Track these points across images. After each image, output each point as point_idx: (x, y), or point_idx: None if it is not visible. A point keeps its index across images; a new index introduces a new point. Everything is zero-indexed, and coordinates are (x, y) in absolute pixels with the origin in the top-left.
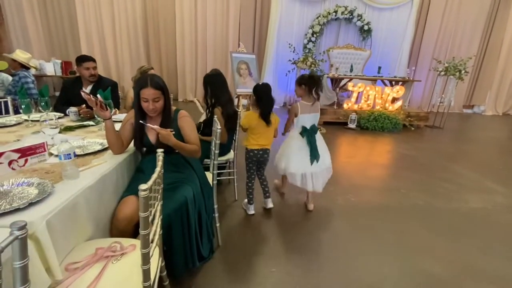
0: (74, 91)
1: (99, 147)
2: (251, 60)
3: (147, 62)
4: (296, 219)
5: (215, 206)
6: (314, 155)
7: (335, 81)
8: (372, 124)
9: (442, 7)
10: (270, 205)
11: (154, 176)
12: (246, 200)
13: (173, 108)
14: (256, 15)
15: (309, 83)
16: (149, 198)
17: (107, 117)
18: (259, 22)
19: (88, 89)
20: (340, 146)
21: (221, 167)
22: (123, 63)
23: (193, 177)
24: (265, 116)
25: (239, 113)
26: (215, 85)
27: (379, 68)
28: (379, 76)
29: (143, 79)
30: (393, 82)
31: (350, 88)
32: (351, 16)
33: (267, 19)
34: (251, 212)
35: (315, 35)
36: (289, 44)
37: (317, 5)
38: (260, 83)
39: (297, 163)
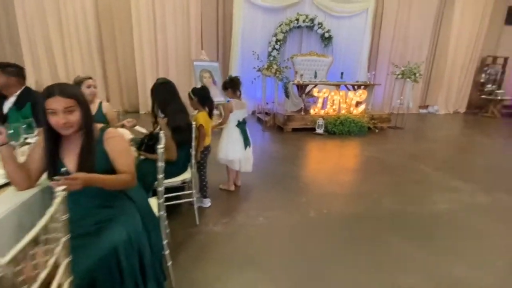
0: None
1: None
2: (214, 68)
3: (103, 75)
4: (271, 241)
5: (165, 242)
6: (247, 142)
7: (301, 88)
8: (339, 129)
9: (394, 16)
10: (207, 204)
11: (33, 231)
12: (199, 195)
13: (98, 126)
14: (218, 23)
15: (232, 86)
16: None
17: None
18: (223, 30)
19: (10, 101)
20: (309, 152)
21: (178, 188)
22: (75, 74)
23: (130, 210)
24: (211, 114)
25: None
26: (160, 94)
27: (342, 73)
28: (342, 81)
29: (48, 88)
30: (356, 87)
31: (315, 94)
32: (312, 24)
33: (230, 27)
34: (209, 204)
35: (279, 43)
36: (253, 51)
37: (279, 13)
38: (198, 86)
39: (234, 151)
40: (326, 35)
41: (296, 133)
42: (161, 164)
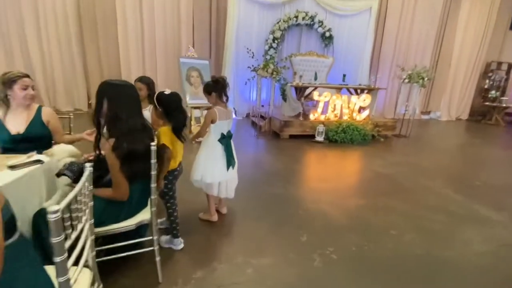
0: None
1: None
2: (204, 67)
3: (84, 71)
4: None
5: None
6: (230, 162)
7: (300, 90)
8: (341, 137)
9: (397, 17)
10: (179, 246)
11: None
12: (168, 237)
13: None
14: (211, 18)
15: (218, 89)
16: None
17: None
18: (216, 25)
19: None
20: (309, 164)
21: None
22: (53, 72)
23: None
24: (179, 132)
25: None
26: (110, 102)
27: (344, 76)
28: (344, 84)
29: None
30: (359, 91)
31: (315, 97)
32: (312, 22)
33: (224, 23)
34: (181, 246)
35: (276, 41)
36: (248, 49)
37: (277, 9)
38: (166, 92)
39: (214, 172)
40: (327, 34)
41: (293, 141)
42: (90, 219)
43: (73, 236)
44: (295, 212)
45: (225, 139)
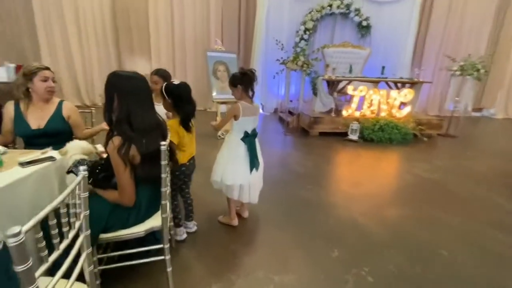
0: None
1: None
2: (231, 60)
3: (118, 63)
4: None
5: None
6: (254, 163)
7: (332, 84)
8: (378, 135)
9: (447, 2)
10: (194, 228)
11: None
12: (179, 228)
13: None
14: (241, 9)
15: (245, 82)
16: None
17: None
18: (245, 17)
19: None
20: (340, 166)
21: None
22: (91, 64)
23: None
24: (186, 123)
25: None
26: (122, 92)
27: (383, 68)
28: (383, 78)
29: None
30: (399, 85)
31: (350, 91)
32: (347, 11)
33: (254, 14)
34: (183, 237)
35: (307, 32)
36: (277, 40)
37: None
38: (175, 82)
39: (235, 174)
40: (364, 23)
41: (324, 138)
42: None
43: (62, 246)
44: (325, 221)
45: (248, 138)
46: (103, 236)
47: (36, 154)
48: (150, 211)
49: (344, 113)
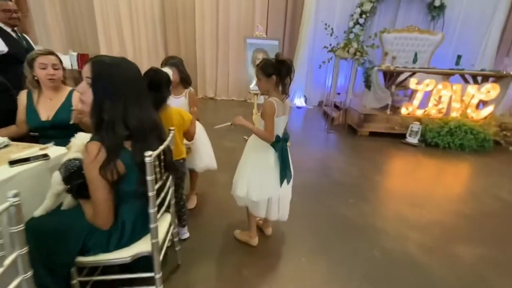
0: None
1: None
2: (272, 48)
3: (165, 51)
4: None
5: None
6: (285, 174)
7: (391, 76)
8: (446, 140)
9: None
10: (185, 235)
11: None
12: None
13: None
14: None
15: (282, 72)
16: None
17: None
18: (293, 1)
19: None
20: (394, 176)
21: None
22: (141, 52)
23: None
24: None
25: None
26: (115, 86)
27: (459, 57)
28: (459, 70)
29: None
30: (479, 79)
31: (412, 85)
32: None
33: None
34: (186, 235)
35: (364, 16)
36: (326, 24)
37: None
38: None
39: (262, 187)
40: (437, 2)
41: (375, 140)
42: None
43: None
44: (370, 253)
45: (279, 143)
46: (82, 259)
47: (33, 150)
48: (137, 233)
49: (403, 110)
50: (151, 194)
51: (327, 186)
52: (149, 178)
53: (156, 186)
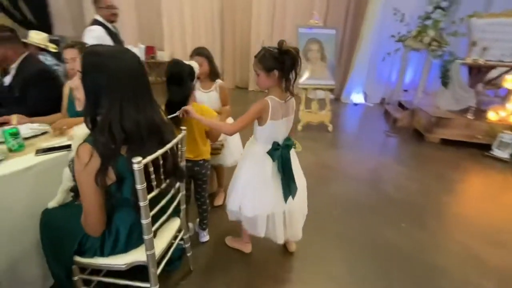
0: None
1: None
2: (329, 38)
3: (221, 46)
4: None
5: None
6: (289, 189)
7: (478, 72)
8: None
9: None
10: (204, 238)
11: None
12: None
13: None
14: None
15: (285, 65)
16: None
17: None
18: None
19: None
20: (469, 199)
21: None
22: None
23: None
24: (171, 109)
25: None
26: (111, 80)
27: None
28: None
29: None
30: None
31: (508, 85)
32: None
33: None
34: (205, 239)
35: None
36: (395, 9)
37: None
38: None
39: (257, 201)
40: None
41: (447, 149)
42: None
43: None
44: None
45: (278, 151)
46: (80, 260)
47: (62, 140)
48: (134, 241)
49: (491, 115)
50: (142, 204)
51: (375, 202)
52: (139, 187)
53: (152, 194)
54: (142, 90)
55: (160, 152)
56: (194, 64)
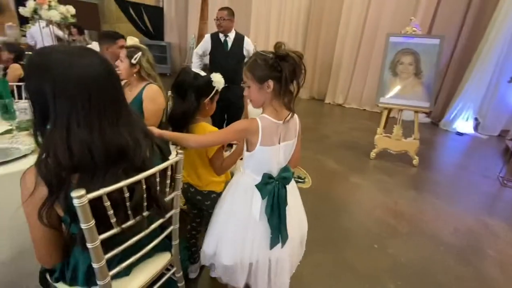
0: None
1: None
2: (427, 49)
3: (302, 50)
4: None
5: None
6: (278, 234)
7: None
8: None
9: None
10: (192, 275)
11: None
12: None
13: None
14: None
15: (283, 74)
16: None
17: None
18: None
19: None
20: None
21: None
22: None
23: None
24: (173, 124)
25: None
26: (56, 86)
27: None
28: None
29: None
30: None
31: None
32: None
33: None
34: (194, 275)
35: None
36: None
37: None
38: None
39: (241, 245)
40: None
41: None
42: None
43: None
44: None
45: (270, 186)
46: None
47: None
48: (95, 280)
49: None
50: (90, 246)
51: (460, 283)
52: (83, 226)
53: (109, 233)
54: (104, 105)
55: (123, 183)
56: (217, 77)
